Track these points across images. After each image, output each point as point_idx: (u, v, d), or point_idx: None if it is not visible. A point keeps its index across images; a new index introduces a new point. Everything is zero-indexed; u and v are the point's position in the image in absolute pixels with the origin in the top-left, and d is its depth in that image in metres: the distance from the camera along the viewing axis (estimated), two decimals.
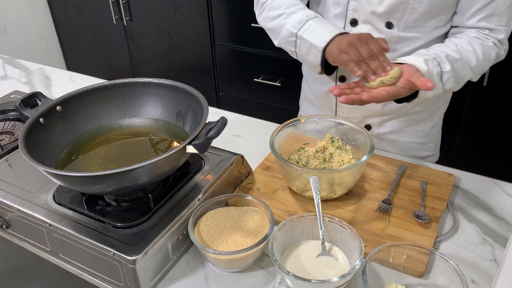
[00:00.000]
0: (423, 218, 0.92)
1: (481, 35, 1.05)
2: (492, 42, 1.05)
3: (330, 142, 1.04)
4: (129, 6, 2.67)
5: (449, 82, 1.02)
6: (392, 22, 1.07)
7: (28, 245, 0.96)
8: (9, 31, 2.88)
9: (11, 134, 1.19)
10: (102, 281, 0.86)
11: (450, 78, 1.02)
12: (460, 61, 1.02)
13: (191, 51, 2.62)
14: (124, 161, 0.95)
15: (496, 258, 0.86)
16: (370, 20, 1.08)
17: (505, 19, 1.04)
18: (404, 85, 0.94)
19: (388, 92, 0.94)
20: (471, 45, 1.04)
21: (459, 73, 1.03)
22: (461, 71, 1.03)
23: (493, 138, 2.05)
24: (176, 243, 0.87)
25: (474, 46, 1.04)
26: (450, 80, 1.02)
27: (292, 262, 0.84)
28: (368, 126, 1.23)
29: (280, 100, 2.45)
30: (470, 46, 1.04)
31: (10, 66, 1.74)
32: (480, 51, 1.04)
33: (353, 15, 1.09)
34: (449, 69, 1.01)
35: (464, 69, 1.03)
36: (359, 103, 0.94)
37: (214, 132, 0.83)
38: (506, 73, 1.88)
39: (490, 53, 1.05)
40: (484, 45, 1.05)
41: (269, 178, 1.06)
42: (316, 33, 1.04)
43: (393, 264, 0.83)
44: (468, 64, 1.03)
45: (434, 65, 0.99)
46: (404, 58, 1.01)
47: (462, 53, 1.03)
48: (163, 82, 1.03)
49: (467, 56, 1.03)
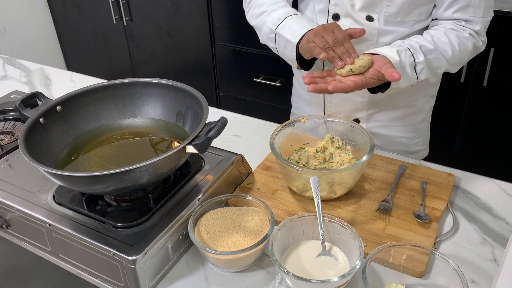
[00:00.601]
0: (423, 218, 0.92)
1: (457, 26, 1.07)
2: (468, 33, 1.07)
3: (330, 142, 1.04)
4: (129, 6, 2.67)
5: (423, 72, 1.04)
6: (372, 15, 1.09)
7: (28, 245, 0.96)
8: (9, 31, 2.88)
9: (11, 134, 1.19)
10: (102, 281, 0.86)
11: (424, 68, 1.03)
12: (434, 51, 1.04)
13: (191, 51, 2.62)
14: (124, 161, 0.95)
15: (496, 258, 0.86)
16: (351, 14, 1.10)
17: (481, 10, 1.05)
18: (373, 75, 0.96)
19: (356, 82, 0.96)
20: (447, 36, 1.05)
21: (432, 64, 1.04)
22: (436, 61, 1.04)
23: (493, 138, 2.05)
24: (176, 243, 0.87)
25: (450, 37, 1.05)
26: (424, 71, 1.04)
27: (292, 262, 0.84)
28: (357, 120, 1.25)
29: (280, 100, 2.45)
30: (445, 37, 1.05)
31: (10, 66, 1.74)
32: (456, 42, 1.05)
33: (335, 10, 1.12)
34: (422, 60, 1.02)
35: (438, 60, 1.05)
36: (326, 92, 0.96)
37: (214, 132, 0.83)
38: (506, 73, 1.88)
39: (466, 44, 1.06)
40: (460, 36, 1.06)
41: (269, 178, 1.06)
42: (291, 30, 1.09)
43: (393, 264, 0.83)
44: (443, 55, 1.05)
45: (407, 56, 1.01)
46: (378, 49, 1.02)
47: (437, 44, 1.04)
48: (163, 82, 1.03)
49: (442, 47, 1.04)
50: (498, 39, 1.81)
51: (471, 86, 1.96)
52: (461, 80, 1.93)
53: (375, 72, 0.96)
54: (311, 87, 0.95)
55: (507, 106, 1.95)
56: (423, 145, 1.32)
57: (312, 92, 0.96)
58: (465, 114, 2.05)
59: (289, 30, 1.09)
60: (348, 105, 1.22)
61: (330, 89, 0.94)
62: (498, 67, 1.87)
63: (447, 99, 2.02)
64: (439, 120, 1.32)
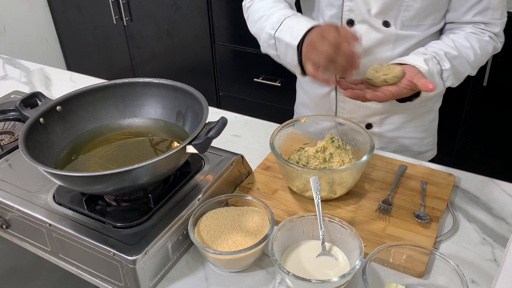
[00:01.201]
0: (423, 218, 0.92)
1: (477, 30, 1.07)
2: (488, 36, 1.07)
3: (330, 142, 1.04)
4: (129, 6, 2.67)
5: (449, 79, 1.04)
6: (389, 20, 1.07)
7: (28, 245, 0.96)
8: (9, 31, 2.88)
9: (11, 134, 1.19)
10: (102, 281, 0.86)
11: (450, 75, 1.03)
12: (459, 57, 1.04)
13: (191, 51, 2.62)
14: (124, 161, 0.95)
15: (496, 258, 0.86)
16: (367, 19, 1.08)
17: (499, 12, 1.06)
18: (406, 86, 0.96)
19: (391, 92, 0.96)
20: (468, 40, 1.05)
21: (458, 70, 1.04)
22: (460, 67, 1.04)
23: (493, 137, 2.05)
24: (176, 243, 0.87)
25: (471, 41, 1.05)
26: (450, 77, 1.04)
27: (292, 262, 0.84)
28: (369, 125, 1.23)
29: (280, 100, 2.45)
30: (467, 42, 1.05)
31: (10, 66, 1.74)
32: (477, 46, 1.05)
33: (349, 15, 1.08)
34: (449, 67, 1.02)
35: (463, 65, 1.05)
36: (362, 100, 0.96)
37: (214, 132, 0.83)
38: (506, 73, 1.88)
39: (487, 47, 1.07)
40: (480, 39, 1.06)
41: (269, 178, 1.06)
42: (290, 31, 1.00)
43: (393, 264, 0.83)
44: (466, 60, 1.05)
45: (433, 64, 1.01)
46: (404, 58, 1.01)
47: (460, 50, 1.04)
48: (163, 82, 1.03)
49: (465, 52, 1.04)
50: None
51: (471, 86, 1.96)
52: None
53: (408, 82, 0.96)
54: (348, 93, 0.95)
55: (507, 106, 1.95)
56: (433, 144, 1.32)
57: (350, 97, 0.95)
58: (465, 114, 2.05)
59: (288, 32, 1.00)
60: (361, 111, 1.20)
61: (368, 97, 0.94)
62: (498, 67, 1.87)
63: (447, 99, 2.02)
64: (439, 120, 1.32)
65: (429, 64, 0.99)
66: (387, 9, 1.06)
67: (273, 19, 1.06)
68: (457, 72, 1.05)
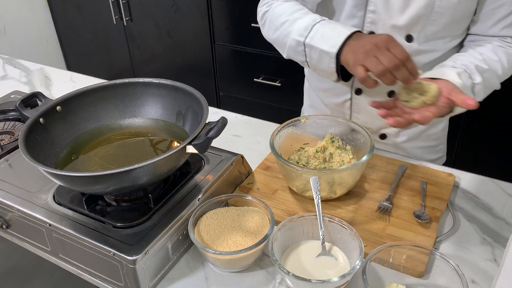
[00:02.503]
0: (423, 218, 0.92)
1: (504, 43, 1.02)
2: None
3: (330, 142, 1.04)
4: (129, 6, 2.67)
5: (480, 93, 0.98)
6: (412, 35, 1.02)
7: (28, 245, 0.96)
8: (9, 31, 2.88)
9: (11, 134, 1.19)
10: (102, 281, 0.86)
11: (481, 89, 0.98)
12: (489, 71, 0.98)
13: (191, 51, 2.62)
14: (124, 161, 0.95)
15: (496, 258, 0.86)
16: (389, 32, 1.01)
17: None
18: (445, 104, 0.89)
19: (433, 113, 0.89)
20: (496, 54, 1.00)
21: (489, 84, 0.99)
22: (490, 81, 0.99)
23: (493, 138, 2.05)
24: (176, 243, 0.87)
25: (499, 54, 1.00)
26: (481, 92, 0.98)
27: (292, 262, 0.84)
28: (384, 135, 1.20)
29: (280, 100, 2.45)
30: (495, 55, 1.00)
31: (10, 66, 1.74)
32: (505, 59, 1.00)
33: (371, 27, 1.04)
34: (480, 81, 0.96)
35: (492, 79, 1.00)
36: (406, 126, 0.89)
37: (214, 132, 0.83)
38: None
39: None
40: (508, 53, 1.01)
41: (269, 178, 1.06)
42: (325, 38, 0.96)
43: (393, 264, 0.83)
44: (495, 74, 1.00)
45: (466, 77, 0.95)
46: (435, 73, 0.94)
47: (489, 63, 0.99)
48: (163, 82, 1.03)
49: (493, 66, 0.99)
50: None
51: None
52: None
53: (446, 100, 0.88)
54: (392, 121, 0.87)
55: (507, 106, 1.95)
56: (444, 151, 1.30)
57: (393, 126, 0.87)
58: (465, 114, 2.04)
59: (323, 39, 0.96)
60: (376, 122, 1.17)
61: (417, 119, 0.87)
62: None
63: None
64: None
65: (462, 78, 0.93)
66: (413, 23, 1.00)
67: (300, 25, 1.01)
68: (488, 86, 0.99)
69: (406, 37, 1.03)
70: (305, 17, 1.02)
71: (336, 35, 0.94)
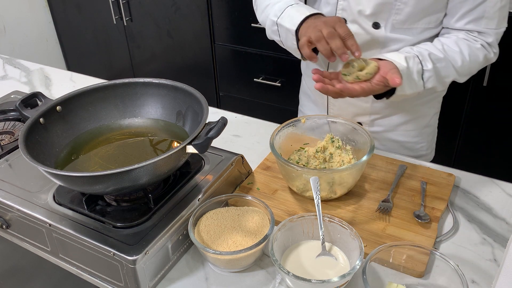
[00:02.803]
0: (423, 218, 0.92)
1: (469, 36, 1.05)
2: (480, 44, 1.04)
3: (330, 142, 1.04)
4: (129, 6, 2.67)
5: (430, 80, 1.02)
6: (379, 22, 1.07)
7: (28, 245, 0.96)
8: (9, 31, 2.88)
9: (11, 134, 1.19)
10: (102, 281, 0.86)
11: (432, 76, 1.02)
12: (444, 60, 1.02)
13: (191, 51, 2.62)
14: (124, 161, 0.95)
15: (496, 258, 0.86)
16: (357, 20, 1.08)
17: (495, 22, 1.03)
18: (379, 82, 0.95)
19: (363, 88, 0.95)
20: (458, 45, 1.03)
21: (441, 73, 1.03)
22: (444, 70, 1.03)
23: (493, 138, 2.05)
24: (176, 243, 0.87)
25: (461, 46, 1.03)
26: (431, 79, 1.02)
27: (292, 262, 0.84)
28: (359, 123, 1.22)
29: (280, 100, 2.45)
30: (456, 47, 1.03)
31: (10, 66, 1.74)
32: (466, 52, 1.03)
33: (342, 14, 1.10)
34: (431, 68, 1.01)
35: (447, 69, 1.03)
36: (332, 94, 0.96)
37: (214, 132, 0.83)
38: (506, 73, 1.88)
39: (477, 55, 1.04)
40: (471, 46, 1.04)
41: (269, 178, 1.06)
42: (290, 18, 1.06)
43: (393, 264, 0.83)
44: (452, 64, 1.03)
45: (415, 62, 0.99)
46: (386, 55, 1.01)
47: (447, 53, 1.03)
48: (163, 82, 1.03)
49: (452, 56, 1.03)
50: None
51: (471, 86, 1.96)
52: None
53: (381, 78, 0.94)
54: (318, 85, 0.95)
55: (507, 106, 1.95)
56: (427, 149, 1.30)
57: (318, 90, 0.95)
58: (465, 114, 2.05)
59: (289, 19, 1.06)
60: (350, 109, 1.22)
61: (338, 87, 0.93)
62: (498, 67, 1.87)
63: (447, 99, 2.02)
64: (439, 120, 1.32)
65: (409, 62, 0.98)
66: (378, 11, 1.06)
67: (276, 7, 1.11)
68: (440, 75, 1.03)
69: (373, 24, 1.08)
70: (282, 1, 1.12)
71: (298, 15, 1.04)
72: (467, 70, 1.06)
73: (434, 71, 1.01)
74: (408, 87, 1.00)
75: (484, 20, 1.03)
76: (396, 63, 0.97)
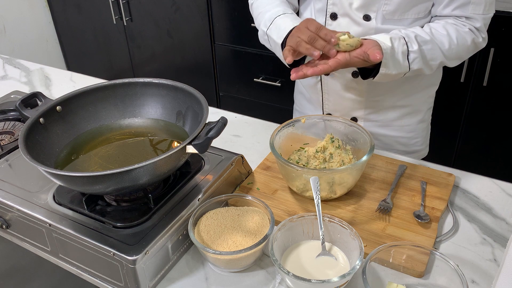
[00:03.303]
0: (423, 218, 0.92)
1: (457, 21, 1.06)
2: (468, 28, 1.06)
3: (330, 142, 1.04)
4: (129, 6, 2.67)
5: (416, 62, 1.03)
6: (370, 14, 1.09)
7: (28, 245, 0.96)
8: (9, 31, 2.88)
9: (11, 134, 1.19)
10: (102, 281, 0.86)
11: (417, 58, 1.03)
12: (430, 42, 1.03)
13: (191, 51, 2.62)
14: (124, 161, 0.95)
15: (496, 258, 0.86)
16: (348, 13, 1.10)
17: (481, 7, 1.05)
18: (358, 55, 0.95)
19: (338, 60, 0.96)
20: (446, 29, 1.05)
21: (426, 55, 1.04)
22: (430, 53, 1.04)
23: (493, 138, 2.05)
24: (176, 243, 0.87)
25: (448, 30, 1.05)
26: (417, 60, 1.03)
27: (292, 262, 0.84)
28: (355, 118, 1.25)
29: (280, 100, 2.45)
30: (444, 30, 1.05)
31: (10, 66, 1.74)
32: (454, 35, 1.04)
33: (333, 9, 1.12)
34: (416, 49, 1.02)
35: (434, 51, 1.04)
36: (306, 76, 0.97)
37: (214, 132, 0.83)
38: (506, 73, 1.88)
39: (465, 38, 1.06)
40: (459, 30, 1.05)
41: (269, 178, 1.06)
42: (277, 30, 1.10)
43: (393, 264, 0.83)
44: (439, 47, 1.04)
45: (400, 43, 1.01)
46: (373, 36, 1.02)
47: (434, 36, 1.04)
48: (163, 82, 1.03)
49: (439, 39, 1.04)
50: (498, 39, 1.81)
51: (471, 86, 1.96)
52: (461, 80, 1.93)
53: (361, 52, 0.95)
54: (293, 75, 0.97)
55: (507, 106, 1.95)
56: (422, 145, 1.32)
57: (295, 79, 0.97)
58: (465, 114, 2.05)
59: (276, 31, 1.10)
60: (345, 103, 1.23)
61: (309, 74, 0.95)
62: (498, 67, 1.88)
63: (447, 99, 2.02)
64: (439, 120, 1.32)
65: (394, 43, 1.00)
66: (368, 3, 1.07)
67: (266, 17, 1.16)
68: (426, 57, 1.04)
69: (364, 16, 1.09)
70: (271, 10, 1.15)
71: (284, 27, 1.08)
72: (455, 54, 1.07)
73: (419, 52, 1.02)
74: (392, 66, 1.01)
75: (471, 6, 1.04)
76: (381, 42, 0.98)
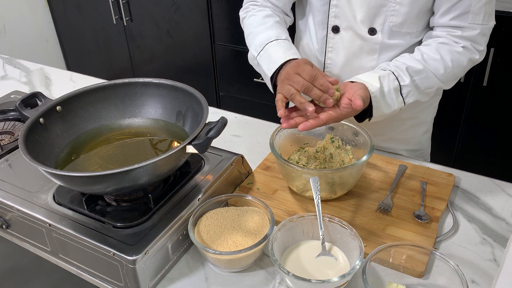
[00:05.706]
0: (423, 218, 0.92)
1: (450, 40, 1.01)
2: (462, 47, 1.01)
3: (330, 142, 1.04)
4: (129, 6, 2.67)
5: (411, 95, 1.00)
6: (376, 27, 1.04)
7: (28, 245, 0.96)
8: (9, 31, 2.88)
9: (11, 134, 1.19)
10: (102, 281, 0.86)
11: (411, 91, 1.00)
12: (423, 71, 1.00)
13: (191, 51, 2.62)
14: (124, 161, 0.95)
15: (496, 258, 0.86)
16: (352, 26, 1.05)
17: (481, 17, 0.99)
18: (346, 106, 0.92)
19: (330, 115, 0.92)
20: (439, 52, 1.00)
21: (420, 85, 1.00)
22: (425, 82, 1.00)
23: (493, 138, 2.05)
24: (176, 243, 0.87)
25: (442, 53, 1.00)
26: (411, 93, 1.00)
27: (292, 262, 0.84)
28: None
29: None
30: (437, 54, 1.00)
31: (10, 66, 1.74)
32: (448, 58, 1.00)
33: (335, 22, 1.07)
34: (409, 82, 0.99)
35: (428, 79, 1.00)
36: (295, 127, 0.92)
37: (214, 132, 0.83)
38: (506, 73, 1.88)
39: (460, 59, 1.01)
40: (452, 51, 1.00)
41: (269, 178, 1.06)
42: (268, 60, 1.05)
43: (393, 264, 0.83)
44: (433, 74, 1.00)
45: (390, 80, 0.97)
46: (359, 76, 0.98)
47: (427, 63, 1.00)
48: (163, 82, 1.03)
49: (433, 66, 1.00)
50: (498, 39, 1.81)
51: (471, 86, 1.96)
52: (461, 80, 1.93)
53: (347, 101, 0.92)
54: (284, 125, 0.93)
55: (507, 106, 1.95)
56: (425, 155, 1.29)
57: (286, 128, 0.93)
58: (465, 114, 2.05)
59: (267, 61, 1.05)
60: None
61: (299, 129, 0.90)
62: (498, 67, 1.88)
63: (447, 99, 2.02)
64: (439, 120, 1.32)
65: (383, 82, 0.96)
66: (373, 15, 1.03)
67: (257, 41, 1.10)
68: (420, 87, 1.00)
69: (369, 30, 1.05)
70: (263, 34, 1.09)
71: (276, 59, 1.03)
72: (451, 77, 1.03)
73: (412, 84, 0.99)
74: (385, 107, 0.98)
75: (470, 15, 0.99)
76: (369, 84, 0.95)
